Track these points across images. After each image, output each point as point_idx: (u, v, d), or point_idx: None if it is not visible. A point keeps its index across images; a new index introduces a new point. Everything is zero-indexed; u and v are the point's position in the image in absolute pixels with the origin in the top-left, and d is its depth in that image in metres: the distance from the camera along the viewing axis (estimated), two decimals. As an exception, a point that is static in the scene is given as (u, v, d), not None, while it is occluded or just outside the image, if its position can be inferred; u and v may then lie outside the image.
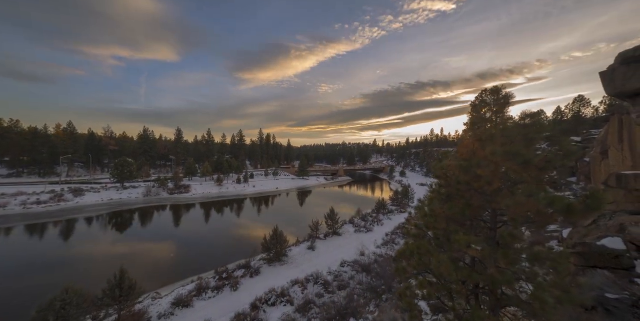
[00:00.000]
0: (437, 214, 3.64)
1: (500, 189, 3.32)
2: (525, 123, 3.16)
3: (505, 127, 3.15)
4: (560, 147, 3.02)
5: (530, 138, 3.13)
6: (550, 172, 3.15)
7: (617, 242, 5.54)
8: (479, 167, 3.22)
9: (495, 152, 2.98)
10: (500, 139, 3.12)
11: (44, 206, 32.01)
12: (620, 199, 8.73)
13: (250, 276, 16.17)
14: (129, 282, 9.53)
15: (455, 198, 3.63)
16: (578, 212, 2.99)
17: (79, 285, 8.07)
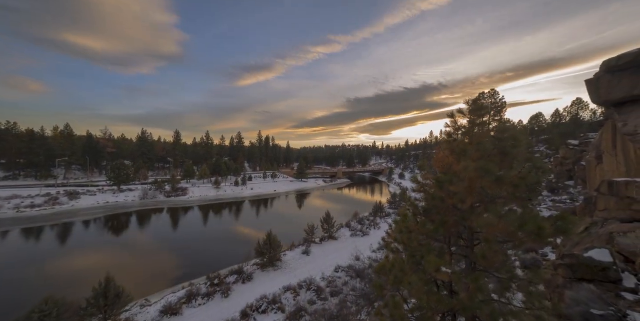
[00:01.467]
0: (412, 230, 3.52)
1: (475, 206, 3.20)
2: (501, 137, 3.05)
3: (480, 141, 3.04)
4: (534, 164, 2.90)
5: (506, 153, 3.01)
6: (525, 188, 3.03)
7: (604, 254, 5.41)
8: (452, 183, 3.10)
9: (467, 168, 2.86)
10: (475, 154, 3.01)
11: (37, 209, 31.76)
12: (612, 206, 8.62)
13: (242, 282, 15.96)
14: (115, 290, 9.35)
15: (431, 214, 3.50)
16: (548, 236, 2.87)
17: (60, 295, 7.89)
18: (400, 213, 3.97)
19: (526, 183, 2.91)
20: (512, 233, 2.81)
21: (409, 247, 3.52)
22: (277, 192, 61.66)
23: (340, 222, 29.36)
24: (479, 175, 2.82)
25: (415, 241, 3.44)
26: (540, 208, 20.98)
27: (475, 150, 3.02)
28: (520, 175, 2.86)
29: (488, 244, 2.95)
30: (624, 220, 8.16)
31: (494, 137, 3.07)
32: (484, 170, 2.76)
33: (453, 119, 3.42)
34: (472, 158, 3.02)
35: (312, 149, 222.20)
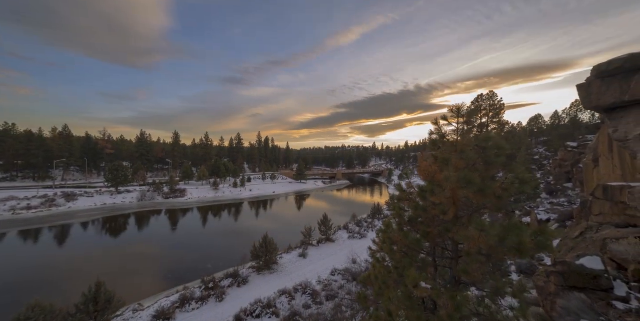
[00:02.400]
0: (394, 241, 3.43)
1: (460, 217, 3.12)
2: (485, 146, 2.98)
3: (463, 149, 2.97)
4: (516, 175, 2.83)
5: (490, 162, 2.94)
6: (508, 199, 2.95)
7: (596, 262, 5.32)
8: (434, 194, 3.03)
9: (448, 178, 2.79)
10: (458, 163, 2.94)
11: (34, 211, 31.60)
12: (607, 211, 8.54)
13: (237, 286, 15.85)
14: (106, 295, 9.23)
15: (415, 224, 3.42)
16: (528, 251, 2.79)
17: (49, 300, 7.78)
18: (384, 223, 3.89)
19: (509, 195, 2.83)
20: (493, 248, 2.74)
21: (392, 259, 3.43)
22: (275, 193, 61.55)
23: (338, 224, 29.26)
24: (461, 186, 2.75)
25: (398, 253, 3.36)
26: (537, 211, 20.88)
27: (458, 159, 2.95)
28: (504, 186, 2.78)
29: (470, 258, 2.86)
30: (618, 225, 8.08)
31: (478, 146, 3.00)
32: (465, 181, 2.68)
33: (437, 126, 3.35)
34: (455, 167, 2.95)
35: (312, 150, 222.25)
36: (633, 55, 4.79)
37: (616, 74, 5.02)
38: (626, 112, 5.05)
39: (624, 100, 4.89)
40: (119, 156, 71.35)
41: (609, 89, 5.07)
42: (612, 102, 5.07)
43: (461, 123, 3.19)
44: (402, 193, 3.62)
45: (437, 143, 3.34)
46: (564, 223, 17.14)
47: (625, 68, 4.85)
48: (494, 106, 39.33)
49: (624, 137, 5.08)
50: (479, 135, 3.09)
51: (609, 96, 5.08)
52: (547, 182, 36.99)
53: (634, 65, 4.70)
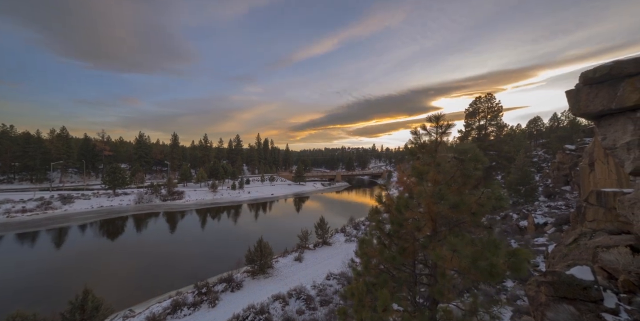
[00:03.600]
0: (371, 256, 3.31)
1: (435, 234, 3.00)
2: (463, 158, 2.88)
3: (439, 162, 2.87)
4: (492, 191, 2.73)
5: (468, 175, 2.84)
6: (484, 215, 2.84)
7: (586, 272, 5.21)
8: (408, 208, 2.92)
9: (421, 193, 2.69)
10: (435, 175, 2.84)
11: (29, 214, 31.39)
12: (600, 217, 8.44)
13: (231, 291, 15.67)
14: (93, 302, 9.08)
15: (394, 238, 3.30)
16: (500, 274, 2.66)
17: (33, 309, 7.62)
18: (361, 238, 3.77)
19: (485, 211, 2.72)
20: (466, 269, 2.60)
21: (368, 275, 3.30)
22: (274, 195, 61.38)
23: (335, 227, 29.11)
24: (435, 201, 2.65)
25: (374, 269, 3.24)
26: (535, 214, 20.75)
27: (435, 171, 2.86)
28: (479, 202, 2.68)
29: (444, 279, 2.74)
30: (611, 232, 7.98)
31: (456, 158, 2.90)
32: (439, 196, 2.58)
33: (415, 135, 3.25)
34: (433, 180, 2.85)
35: (312, 152, 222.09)
36: (618, 62, 4.72)
37: (603, 81, 4.94)
38: (614, 120, 4.96)
39: (612, 108, 4.80)
40: (118, 158, 71.27)
41: (597, 96, 4.99)
42: (600, 109, 4.98)
43: (440, 134, 3.10)
44: (381, 204, 3.51)
45: (415, 153, 3.24)
46: (561, 227, 17.02)
47: (611, 75, 4.77)
48: (492, 108, 39.30)
49: (612, 144, 4.99)
50: (458, 145, 3.00)
51: (597, 103, 5.00)
52: (546, 184, 36.91)
53: (619, 73, 4.62)
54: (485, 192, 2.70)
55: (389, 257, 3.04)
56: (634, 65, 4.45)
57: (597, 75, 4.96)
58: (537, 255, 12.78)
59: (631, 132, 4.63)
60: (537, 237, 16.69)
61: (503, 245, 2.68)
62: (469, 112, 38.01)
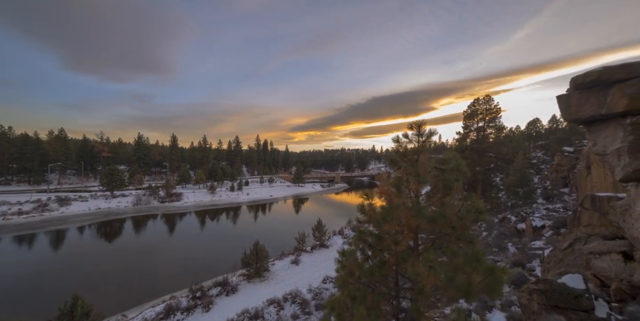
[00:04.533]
0: (351, 271, 3.21)
1: (416, 247, 2.90)
2: (444, 168, 2.80)
3: (420, 172, 2.79)
4: (472, 204, 2.65)
5: (449, 186, 2.75)
6: (466, 228, 2.75)
7: (577, 280, 5.12)
8: (386, 221, 2.83)
9: (398, 206, 2.60)
10: (416, 186, 2.76)
11: (25, 216, 31.23)
12: (595, 222, 8.36)
13: (226, 295, 15.53)
14: (82, 309, 8.96)
15: (376, 251, 3.21)
16: (475, 296, 2.57)
17: (18, 316, 7.49)
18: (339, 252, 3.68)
19: (465, 225, 2.63)
20: (442, 287, 2.50)
21: (347, 289, 3.20)
22: (273, 197, 61.23)
23: (333, 229, 28.96)
24: (412, 214, 2.56)
25: (353, 284, 3.13)
26: (533, 217, 20.64)
27: (415, 182, 2.77)
28: (459, 215, 2.59)
29: (422, 296, 2.63)
30: (605, 237, 7.89)
31: (437, 168, 2.82)
32: (416, 210, 2.50)
33: (398, 143, 3.17)
34: (415, 190, 2.77)
35: (312, 153, 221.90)
36: (607, 67, 4.66)
37: (593, 86, 4.88)
38: (604, 125, 4.89)
39: (602, 114, 4.74)
40: (117, 159, 71.14)
41: (587, 102, 4.93)
42: (591, 115, 4.91)
43: (421, 142, 3.01)
44: (364, 215, 3.42)
45: (396, 162, 3.16)
46: (558, 230, 16.92)
47: (601, 80, 4.71)
48: (490, 110, 39.32)
49: (603, 150, 4.92)
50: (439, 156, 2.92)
51: (587, 109, 4.94)
52: (544, 186, 36.82)
53: (609, 78, 4.56)
54: (465, 205, 2.62)
55: (367, 271, 2.94)
56: (623, 71, 4.39)
57: (587, 80, 4.90)
58: (533, 259, 12.68)
59: (621, 138, 4.57)
60: (535, 240, 16.58)
61: (485, 259, 2.59)
62: (467, 114, 37.98)
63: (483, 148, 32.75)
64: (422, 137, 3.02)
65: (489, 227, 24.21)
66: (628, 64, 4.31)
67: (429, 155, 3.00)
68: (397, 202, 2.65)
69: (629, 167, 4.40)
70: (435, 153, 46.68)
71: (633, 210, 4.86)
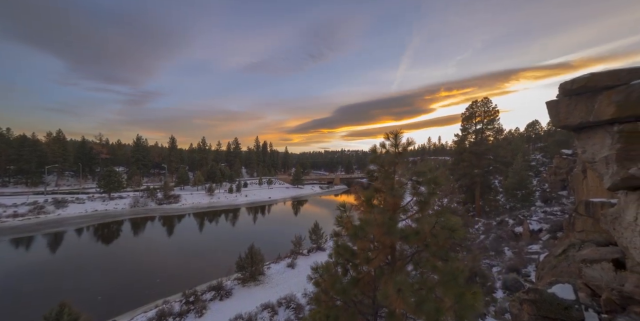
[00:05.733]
0: (324, 286, 3.08)
1: (391, 264, 2.77)
2: (421, 181, 2.70)
3: (392, 186, 2.69)
4: (446, 221, 2.54)
5: (424, 201, 2.65)
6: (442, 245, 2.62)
7: (567, 290, 5.02)
8: (357, 237, 2.72)
9: (368, 222, 2.49)
10: (392, 200, 2.66)
11: (20, 219, 31.02)
12: (589, 228, 8.26)
13: (220, 299, 15.35)
14: (69, 316, 8.81)
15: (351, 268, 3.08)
16: None
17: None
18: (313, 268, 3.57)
19: (438, 242, 2.51)
20: (411, 311, 2.37)
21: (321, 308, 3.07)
22: (271, 198, 61.07)
23: (331, 231, 28.78)
24: (381, 231, 2.45)
25: (326, 302, 2.99)
26: (530, 220, 20.54)
27: (390, 195, 2.67)
28: (433, 232, 2.49)
29: (392, 318, 2.50)
30: (599, 243, 7.79)
31: (413, 180, 2.73)
32: (387, 226, 2.39)
33: (375, 154, 3.07)
34: (391, 204, 2.66)
35: (311, 154, 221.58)
36: (594, 74, 4.60)
37: (581, 93, 4.81)
38: (593, 133, 4.81)
39: (590, 121, 4.66)
40: (115, 161, 71.04)
41: (576, 108, 4.85)
42: (579, 122, 4.84)
43: (397, 153, 2.92)
44: (341, 227, 3.30)
45: (372, 173, 3.07)
46: (555, 234, 16.80)
47: (588, 87, 4.64)
48: (489, 112, 39.32)
49: (592, 158, 4.83)
50: (416, 167, 2.82)
51: (575, 115, 4.86)
52: (543, 189, 36.73)
53: (595, 85, 4.49)
54: (439, 222, 2.51)
55: (340, 290, 2.81)
56: (610, 78, 4.33)
57: (575, 87, 4.83)
58: (529, 263, 12.56)
59: (609, 146, 4.49)
60: (532, 244, 16.46)
61: (461, 278, 2.46)
62: (466, 116, 37.98)
63: (481, 151, 32.68)
64: (398, 147, 2.92)
65: (486, 230, 24.09)
66: (614, 70, 4.24)
67: (406, 167, 2.91)
68: (369, 217, 2.55)
69: (617, 175, 4.32)
70: (434, 155, 46.91)
71: (622, 219, 4.77)
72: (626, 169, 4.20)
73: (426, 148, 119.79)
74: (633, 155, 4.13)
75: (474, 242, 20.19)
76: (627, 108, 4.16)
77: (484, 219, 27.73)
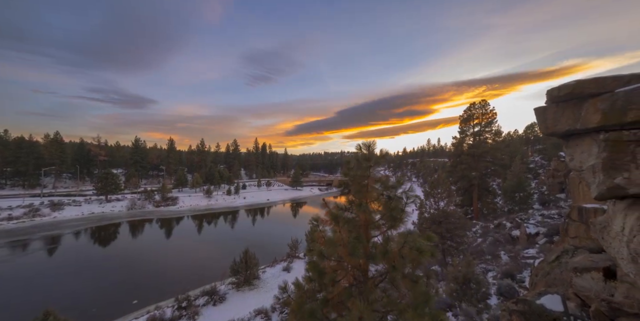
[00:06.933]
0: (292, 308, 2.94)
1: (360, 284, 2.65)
2: (392, 196, 2.59)
3: (361, 202, 2.56)
4: (414, 241, 2.43)
5: (395, 217, 2.53)
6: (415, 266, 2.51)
7: (556, 301, 4.91)
8: (323, 257, 2.60)
9: (332, 242, 2.37)
10: (363, 216, 2.53)
11: (15, 222, 30.78)
12: (582, 234, 8.15)
13: (213, 304, 15.18)
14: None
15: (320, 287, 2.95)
16: None
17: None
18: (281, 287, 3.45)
19: (403, 265, 2.39)
20: None
21: None
22: (270, 200, 60.91)
23: (327, 235, 28.60)
24: (347, 252, 2.34)
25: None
26: (527, 224, 20.40)
27: (359, 211, 2.56)
28: (401, 253, 2.37)
29: None
30: (592, 250, 7.66)
31: (384, 195, 2.62)
32: (351, 247, 2.27)
33: (348, 166, 2.96)
34: (364, 221, 2.54)
35: (311, 156, 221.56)
36: (579, 81, 4.51)
37: (567, 100, 4.72)
38: (580, 140, 4.72)
39: (577, 128, 4.57)
40: (114, 163, 70.85)
41: (563, 115, 4.76)
42: (567, 129, 4.74)
43: (368, 166, 2.81)
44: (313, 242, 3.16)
45: (346, 186, 2.96)
46: (552, 238, 16.68)
47: (574, 94, 4.55)
48: (486, 115, 39.33)
49: (579, 166, 4.73)
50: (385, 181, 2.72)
51: (563, 123, 4.77)
52: (541, 191, 36.60)
53: (581, 92, 4.40)
54: (407, 242, 2.40)
55: (307, 312, 2.65)
56: (595, 86, 4.25)
57: (561, 94, 4.75)
58: (524, 268, 12.42)
59: (596, 154, 4.39)
60: (528, 248, 16.32)
61: (433, 302, 2.33)
62: (464, 118, 37.99)
63: (479, 153, 32.62)
64: (370, 161, 2.80)
65: (484, 233, 23.94)
66: (599, 78, 4.17)
67: (374, 180, 2.80)
68: (335, 236, 2.43)
69: (603, 185, 4.21)
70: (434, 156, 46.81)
71: (610, 228, 4.66)
72: (612, 179, 4.10)
73: (425, 150, 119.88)
74: (618, 164, 4.03)
75: (471, 245, 20.05)
76: (612, 116, 4.07)
77: (482, 222, 27.59)
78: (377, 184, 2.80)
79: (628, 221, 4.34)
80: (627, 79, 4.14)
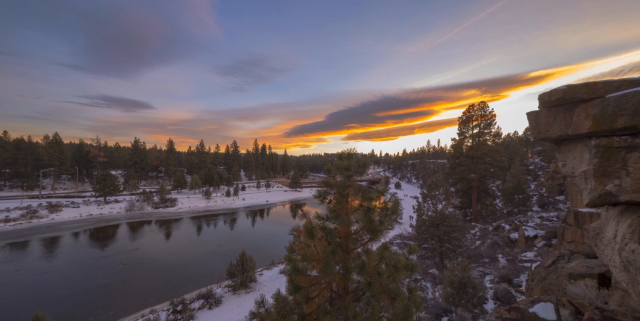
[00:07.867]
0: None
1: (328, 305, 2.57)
2: (370, 206, 2.51)
3: (339, 213, 2.49)
4: (391, 256, 2.35)
5: (374, 229, 2.45)
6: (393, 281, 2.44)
7: (549, 309, 4.81)
8: (298, 273, 2.53)
9: (306, 258, 2.31)
10: (341, 227, 2.45)
11: (12, 224, 30.68)
12: (578, 239, 8.08)
13: (209, 308, 15.05)
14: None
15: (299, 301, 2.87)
16: None
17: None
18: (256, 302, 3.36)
19: (381, 281, 2.31)
20: None
21: None
22: (269, 202, 60.78)
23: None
24: (322, 269, 2.27)
25: None
26: (526, 226, 20.28)
27: (339, 223, 2.48)
28: (377, 269, 2.29)
29: None
30: (588, 255, 7.61)
31: (363, 206, 2.55)
32: (324, 263, 2.20)
33: (329, 174, 2.89)
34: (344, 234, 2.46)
35: (311, 157, 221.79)
36: (570, 86, 4.46)
37: (559, 105, 4.66)
38: (573, 146, 4.66)
39: (569, 134, 4.51)
40: (113, 164, 70.82)
41: (555, 120, 4.71)
42: (559, 135, 4.68)
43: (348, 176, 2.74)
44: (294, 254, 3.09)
45: (325, 195, 2.88)
46: (550, 241, 16.57)
47: (565, 99, 4.49)
48: (485, 116, 39.30)
49: (572, 172, 4.67)
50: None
51: (555, 128, 4.71)
52: (540, 193, 36.46)
53: (572, 98, 4.34)
54: (384, 257, 2.33)
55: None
56: (586, 91, 4.19)
57: (553, 99, 4.69)
58: (522, 272, 12.30)
59: (587, 160, 4.33)
60: (526, 251, 16.20)
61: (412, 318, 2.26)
62: (463, 120, 37.96)
63: (478, 155, 32.54)
64: (350, 171, 2.72)
65: (482, 236, 23.81)
66: (590, 83, 4.11)
67: (354, 191, 2.73)
68: (310, 251, 2.36)
69: (595, 192, 4.14)
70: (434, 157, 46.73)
71: (603, 235, 4.58)
72: (603, 185, 4.04)
73: (425, 151, 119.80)
74: (609, 171, 3.97)
75: (470, 248, 19.92)
76: (603, 122, 4.01)
77: (481, 224, 27.45)
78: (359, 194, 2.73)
79: (620, 228, 4.27)
80: (618, 84, 4.09)
